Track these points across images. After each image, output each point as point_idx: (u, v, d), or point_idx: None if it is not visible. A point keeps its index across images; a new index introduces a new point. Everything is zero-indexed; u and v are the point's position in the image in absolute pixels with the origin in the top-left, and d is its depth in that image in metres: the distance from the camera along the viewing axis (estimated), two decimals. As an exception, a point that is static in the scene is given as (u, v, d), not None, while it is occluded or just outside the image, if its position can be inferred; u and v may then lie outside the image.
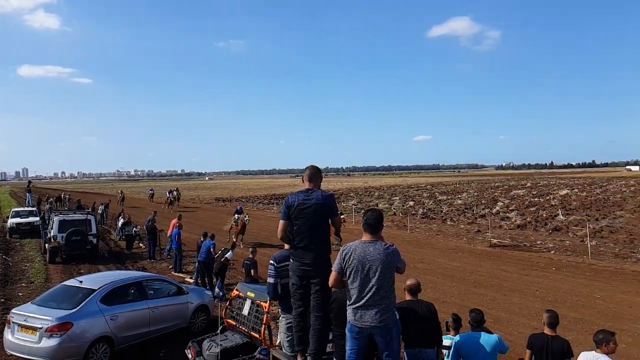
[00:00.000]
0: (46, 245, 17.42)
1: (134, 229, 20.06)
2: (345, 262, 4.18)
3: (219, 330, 6.83)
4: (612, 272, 14.39)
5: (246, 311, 6.59)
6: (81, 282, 8.56)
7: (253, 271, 10.24)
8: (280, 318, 5.68)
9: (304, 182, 4.87)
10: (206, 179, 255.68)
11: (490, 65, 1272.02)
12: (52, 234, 17.12)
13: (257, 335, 6.16)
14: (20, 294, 12.42)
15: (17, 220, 24.21)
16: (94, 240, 17.60)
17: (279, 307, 5.70)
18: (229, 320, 7.00)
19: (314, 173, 4.85)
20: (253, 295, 6.50)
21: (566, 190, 50.95)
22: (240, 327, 6.65)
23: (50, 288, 10.13)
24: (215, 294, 11.26)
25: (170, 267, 15.71)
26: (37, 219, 23.98)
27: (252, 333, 6.32)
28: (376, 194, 56.11)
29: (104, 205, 30.21)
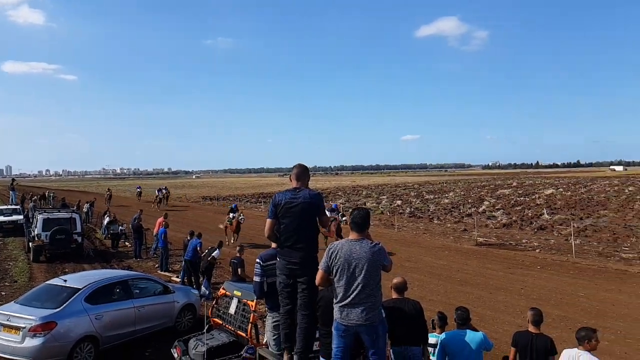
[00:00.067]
0: (30, 243, 17.18)
1: (119, 227, 19.86)
2: (331, 261, 4.20)
3: (205, 329, 6.81)
4: (595, 271, 14.59)
5: (233, 310, 6.57)
6: (65, 281, 8.47)
7: (240, 270, 10.19)
8: (267, 317, 5.68)
9: (291, 181, 4.87)
10: (193, 177, 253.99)
11: (477, 65, 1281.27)
12: (36, 232, 16.93)
13: (243, 334, 6.15)
14: (3, 293, 12.26)
15: (1, 218, 23.91)
16: (79, 239, 17.41)
17: (265, 305, 5.69)
18: (215, 319, 6.97)
19: (301, 172, 4.86)
20: (240, 294, 6.49)
21: (551, 190, 51.63)
22: (227, 326, 6.63)
23: (34, 287, 9.99)
24: (202, 293, 11.21)
25: (157, 266, 15.60)
26: (21, 217, 23.71)
27: (238, 332, 6.30)
28: (364, 193, 56.30)
29: (89, 203, 29.85)
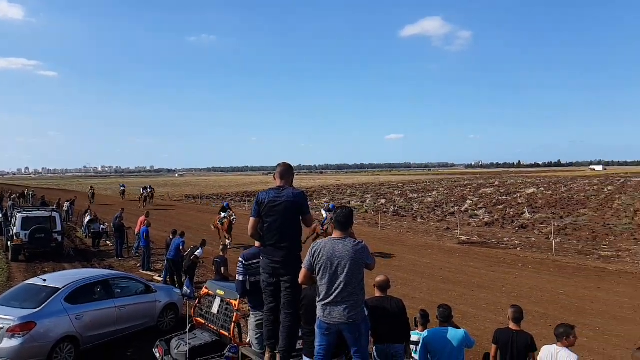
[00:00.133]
0: (8, 242, 16.94)
1: (101, 226, 19.60)
2: (314, 259, 4.20)
3: (187, 329, 6.76)
4: (575, 268, 14.85)
5: (216, 309, 6.53)
6: (45, 280, 8.35)
7: (223, 269, 10.14)
8: (250, 316, 5.65)
9: (275, 180, 4.85)
10: (176, 175, 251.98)
11: (461, 65, 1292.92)
12: (15, 231, 16.59)
13: (226, 334, 6.12)
14: (-20, 293, 12.00)
15: None
16: (59, 238, 17.13)
17: (248, 304, 5.67)
18: (198, 319, 6.93)
19: (285, 170, 4.84)
20: (223, 293, 6.45)
21: (532, 189, 52.39)
22: (210, 325, 6.59)
23: (12, 287, 9.86)
24: (184, 292, 11.12)
25: (139, 265, 15.45)
26: (-1, 215, 23.21)
27: (221, 331, 6.27)
28: (348, 191, 56.41)
29: (70, 202, 29.44)
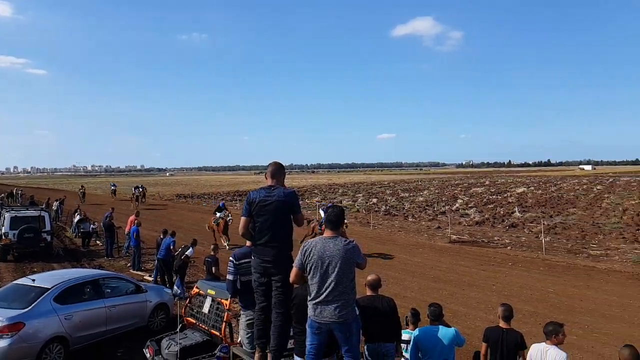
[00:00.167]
0: (-4, 242, 16.67)
1: (91, 226, 19.44)
2: (305, 258, 4.20)
3: (178, 329, 6.73)
4: (564, 267, 14.96)
5: (206, 309, 6.51)
6: (34, 280, 8.27)
7: (214, 268, 10.10)
8: (240, 315, 5.64)
9: (267, 179, 4.83)
10: (167, 175, 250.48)
11: (452, 65, 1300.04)
12: (3, 231, 16.43)
13: (217, 333, 6.10)
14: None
15: None
16: (48, 238, 17.00)
17: (239, 304, 5.65)
18: (188, 319, 6.90)
19: (276, 169, 4.83)
20: (214, 292, 6.43)
21: (523, 188, 52.77)
22: (201, 325, 6.57)
23: (1, 287, 9.72)
24: (174, 292, 11.06)
25: (129, 265, 15.34)
26: (-13, 215, 22.94)
27: (212, 331, 6.25)
28: (340, 191, 56.41)
29: (59, 201, 29.21)
